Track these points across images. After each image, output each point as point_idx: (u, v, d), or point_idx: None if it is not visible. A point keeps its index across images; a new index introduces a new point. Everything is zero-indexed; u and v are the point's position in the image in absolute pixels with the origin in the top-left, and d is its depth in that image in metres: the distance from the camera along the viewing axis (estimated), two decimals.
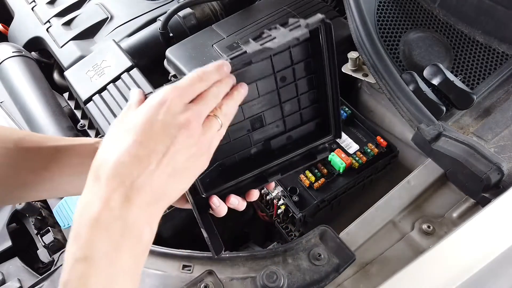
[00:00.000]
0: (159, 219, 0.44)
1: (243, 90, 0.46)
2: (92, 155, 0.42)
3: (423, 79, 0.78)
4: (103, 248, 0.37)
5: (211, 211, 0.53)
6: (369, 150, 0.79)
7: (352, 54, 0.84)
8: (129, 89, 0.93)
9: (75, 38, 1.11)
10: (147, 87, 0.93)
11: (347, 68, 0.87)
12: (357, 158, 0.77)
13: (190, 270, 0.68)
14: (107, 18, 1.14)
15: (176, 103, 0.41)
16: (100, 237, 0.37)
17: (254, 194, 0.54)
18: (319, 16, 0.47)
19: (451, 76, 0.77)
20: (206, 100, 0.43)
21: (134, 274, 0.40)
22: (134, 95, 0.44)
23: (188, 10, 1.05)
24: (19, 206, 0.74)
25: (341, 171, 0.76)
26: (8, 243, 0.76)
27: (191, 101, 0.42)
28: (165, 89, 0.42)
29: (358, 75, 0.85)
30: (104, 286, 0.37)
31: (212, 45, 0.93)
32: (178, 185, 0.43)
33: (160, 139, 0.40)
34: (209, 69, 0.43)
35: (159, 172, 0.39)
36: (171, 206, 0.79)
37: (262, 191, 0.79)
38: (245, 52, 0.45)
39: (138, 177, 0.39)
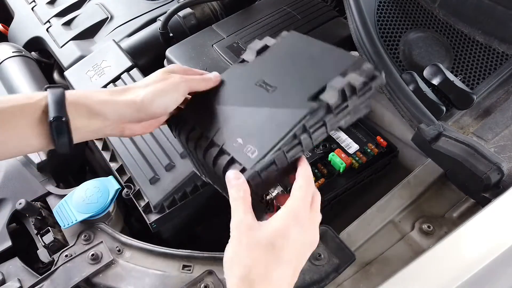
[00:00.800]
0: None
1: None
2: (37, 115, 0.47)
3: (423, 79, 0.78)
4: None
5: None
6: (369, 150, 0.79)
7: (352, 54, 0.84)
8: None
9: (75, 38, 1.11)
10: None
11: None
12: (357, 158, 0.77)
13: (190, 270, 0.68)
14: (107, 18, 1.14)
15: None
16: None
17: None
18: (382, 78, 0.54)
19: (451, 76, 0.77)
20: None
21: None
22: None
23: (188, 10, 1.05)
24: (19, 206, 0.74)
25: (341, 171, 0.77)
26: (8, 243, 0.76)
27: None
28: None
29: None
30: None
31: (212, 45, 0.93)
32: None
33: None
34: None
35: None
36: (172, 206, 0.79)
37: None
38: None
39: None
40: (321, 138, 0.54)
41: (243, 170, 0.50)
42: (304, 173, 0.51)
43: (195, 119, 0.58)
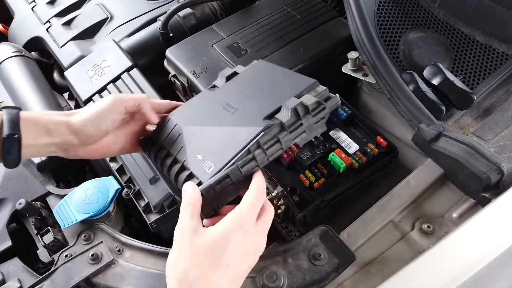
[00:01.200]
0: None
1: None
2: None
3: (423, 79, 0.78)
4: None
5: None
6: (369, 150, 0.79)
7: (352, 54, 0.84)
8: (129, 89, 0.93)
9: (75, 38, 1.11)
10: (147, 87, 0.93)
11: (347, 68, 0.87)
12: (357, 158, 0.77)
13: None
14: (107, 18, 1.14)
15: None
16: None
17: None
18: (337, 98, 0.59)
19: (451, 76, 0.77)
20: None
21: None
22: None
23: (188, 10, 1.05)
24: (19, 206, 0.74)
25: (341, 171, 0.76)
26: (8, 243, 0.76)
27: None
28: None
29: (358, 75, 0.85)
30: None
31: (212, 45, 0.93)
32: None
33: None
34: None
35: None
36: (172, 205, 0.79)
37: None
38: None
39: None
40: (276, 154, 0.57)
41: (199, 184, 0.53)
42: (257, 184, 0.53)
43: (163, 139, 0.63)
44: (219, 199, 0.55)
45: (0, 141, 0.52)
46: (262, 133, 0.55)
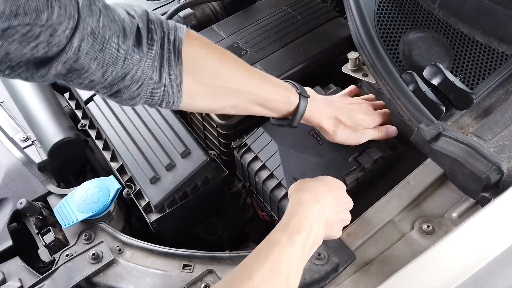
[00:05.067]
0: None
1: None
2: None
3: (423, 79, 0.78)
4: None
5: None
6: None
7: (352, 54, 0.84)
8: None
9: None
10: None
11: (347, 68, 0.87)
12: None
13: (190, 269, 0.68)
14: None
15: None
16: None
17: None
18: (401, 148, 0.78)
19: (450, 76, 0.77)
20: None
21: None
22: None
23: (188, 11, 1.05)
24: (20, 206, 0.74)
25: None
26: (9, 242, 0.76)
27: None
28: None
29: (358, 75, 0.85)
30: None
31: None
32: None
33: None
34: None
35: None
36: (172, 205, 0.80)
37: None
38: None
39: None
40: (351, 186, 0.73)
41: None
42: None
43: (257, 150, 0.78)
44: None
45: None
46: (348, 172, 0.72)
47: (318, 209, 0.59)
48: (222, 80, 0.60)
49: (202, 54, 0.58)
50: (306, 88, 0.72)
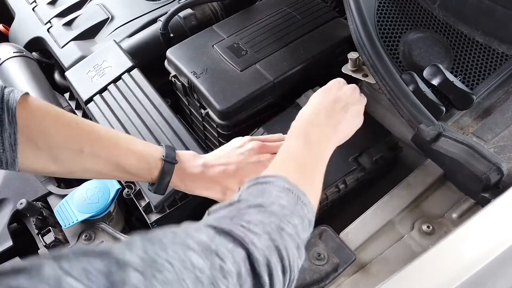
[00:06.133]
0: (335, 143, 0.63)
1: None
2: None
3: (423, 79, 0.78)
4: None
5: None
6: None
7: (352, 55, 0.84)
8: (130, 89, 0.94)
9: (76, 38, 1.11)
10: (148, 87, 0.93)
11: (347, 69, 0.87)
12: None
13: None
14: (108, 18, 1.14)
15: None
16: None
17: None
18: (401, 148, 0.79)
19: (450, 77, 0.77)
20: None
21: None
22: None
23: (188, 11, 1.05)
24: (20, 206, 0.74)
25: None
26: (9, 243, 0.76)
27: None
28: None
29: (358, 76, 0.85)
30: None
31: (213, 46, 0.93)
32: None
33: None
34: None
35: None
36: (173, 206, 0.80)
37: None
38: None
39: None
40: (352, 186, 0.74)
41: None
42: None
43: None
44: None
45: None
46: (348, 173, 0.73)
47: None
48: (57, 142, 0.58)
49: (36, 116, 0.57)
50: (186, 152, 0.69)
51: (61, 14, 1.18)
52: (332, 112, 0.63)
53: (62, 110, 0.61)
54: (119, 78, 0.96)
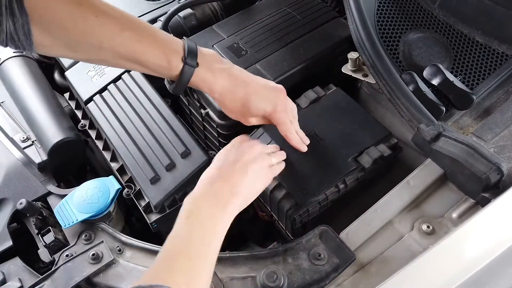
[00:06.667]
0: (237, 209, 0.61)
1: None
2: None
3: (423, 79, 0.78)
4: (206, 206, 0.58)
5: None
6: None
7: (352, 55, 0.84)
8: (130, 89, 0.94)
9: None
10: (148, 87, 0.93)
11: (347, 69, 0.87)
12: None
13: None
14: None
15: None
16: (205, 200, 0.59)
17: None
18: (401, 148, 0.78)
19: (450, 77, 0.77)
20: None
21: (219, 230, 0.58)
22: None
23: (188, 11, 1.05)
24: (20, 206, 0.74)
25: None
26: (9, 243, 0.76)
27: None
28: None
29: (358, 76, 0.85)
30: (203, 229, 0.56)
31: (213, 46, 0.93)
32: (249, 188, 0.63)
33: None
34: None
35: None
36: (173, 205, 0.80)
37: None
38: None
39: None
40: (352, 186, 0.74)
41: (295, 205, 0.72)
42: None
43: None
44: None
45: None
46: (348, 173, 0.72)
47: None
48: (76, 34, 0.56)
49: (50, 4, 0.53)
50: (210, 51, 0.67)
51: None
52: (229, 176, 0.61)
53: None
54: (119, 78, 0.96)
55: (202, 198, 0.59)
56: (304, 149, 0.74)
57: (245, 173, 0.62)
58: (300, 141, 0.74)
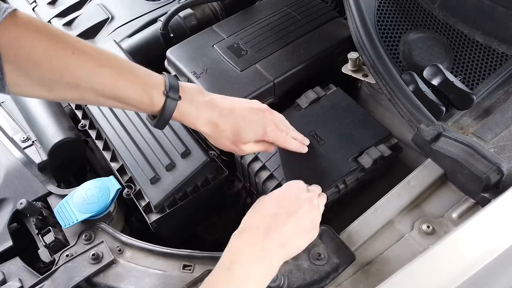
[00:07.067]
0: (282, 261, 0.59)
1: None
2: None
3: (423, 79, 0.78)
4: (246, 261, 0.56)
5: None
6: None
7: (352, 55, 0.84)
8: None
9: None
10: None
11: (347, 69, 0.87)
12: None
13: (190, 269, 0.68)
14: (108, 18, 1.14)
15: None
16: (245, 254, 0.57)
17: None
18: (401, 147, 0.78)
19: (451, 77, 0.77)
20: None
21: None
22: None
23: (188, 11, 1.05)
24: (20, 206, 0.74)
25: None
26: (9, 243, 0.76)
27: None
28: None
29: (358, 76, 0.85)
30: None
31: (213, 46, 0.93)
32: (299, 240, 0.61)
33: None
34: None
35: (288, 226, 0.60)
36: (173, 205, 0.80)
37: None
38: None
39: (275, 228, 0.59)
40: (352, 186, 0.75)
41: None
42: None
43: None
44: None
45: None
46: (349, 173, 0.73)
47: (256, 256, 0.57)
48: (52, 73, 0.53)
49: (25, 42, 0.50)
50: (188, 85, 0.65)
51: (61, 14, 1.18)
52: (282, 228, 0.59)
53: (56, 31, 0.53)
54: None
55: (249, 249, 0.57)
56: (304, 150, 0.74)
57: (297, 230, 0.60)
58: (300, 145, 0.74)
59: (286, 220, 0.60)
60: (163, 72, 0.65)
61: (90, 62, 0.55)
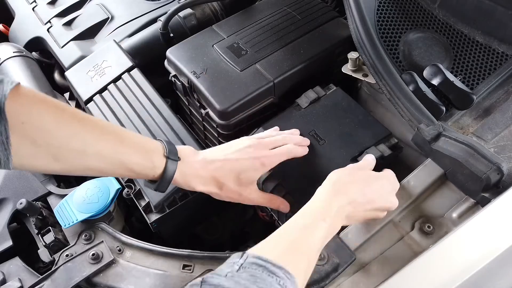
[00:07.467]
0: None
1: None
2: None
3: (423, 79, 0.78)
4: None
5: None
6: None
7: (352, 55, 0.84)
8: (130, 89, 0.94)
9: (75, 38, 1.11)
10: (148, 87, 0.93)
11: (347, 69, 0.87)
12: None
13: (190, 269, 0.68)
14: (108, 18, 1.14)
15: None
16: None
17: None
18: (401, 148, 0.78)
19: (451, 76, 0.77)
20: None
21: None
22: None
23: (188, 11, 1.05)
24: (20, 206, 0.74)
25: None
26: (9, 242, 0.76)
27: None
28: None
29: (358, 76, 0.85)
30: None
31: (213, 46, 0.93)
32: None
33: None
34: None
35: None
36: (172, 205, 0.80)
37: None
38: None
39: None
40: None
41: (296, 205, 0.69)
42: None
43: None
44: None
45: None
46: None
47: (345, 201, 0.61)
48: (60, 139, 0.54)
49: (34, 110, 0.52)
50: (184, 147, 0.69)
51: (61, 14, 1.18)
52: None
53: (61, 104, 0.56)
54: (119, 78, 0.96)
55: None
56: (305, 151, 0.74)
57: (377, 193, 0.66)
58: (302, 149, 0.74)
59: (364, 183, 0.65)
60: (158, 138, 0.68)
61: (95, 129, 0.58)
